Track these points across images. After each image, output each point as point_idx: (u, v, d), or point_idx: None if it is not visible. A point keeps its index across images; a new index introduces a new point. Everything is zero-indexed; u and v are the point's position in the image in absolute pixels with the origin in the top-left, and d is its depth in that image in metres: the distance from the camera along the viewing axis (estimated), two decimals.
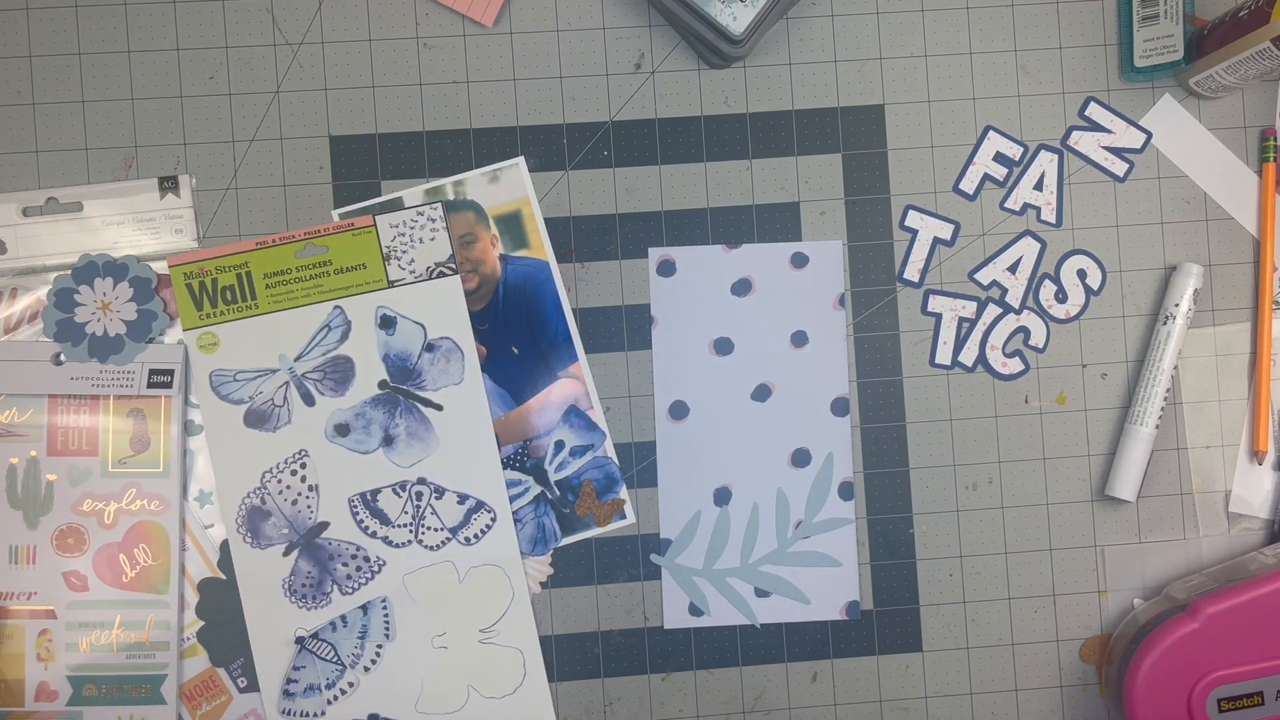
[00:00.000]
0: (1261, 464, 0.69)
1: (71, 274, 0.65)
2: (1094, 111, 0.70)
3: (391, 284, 0.67)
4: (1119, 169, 0.70)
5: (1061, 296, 0.69)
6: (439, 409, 0.67)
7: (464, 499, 0.66)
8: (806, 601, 0.68)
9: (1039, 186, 0.69)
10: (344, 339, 0.66)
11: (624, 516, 0.68)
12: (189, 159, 0.67)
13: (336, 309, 0.66)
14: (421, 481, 0.66)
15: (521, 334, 0.67)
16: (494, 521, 0.66)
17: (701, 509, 0.68)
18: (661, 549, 0.68)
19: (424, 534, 0.66)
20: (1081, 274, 0.69)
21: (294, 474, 0.66)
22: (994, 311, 0.69)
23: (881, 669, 0.68)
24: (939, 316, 0.69)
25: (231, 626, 0.66)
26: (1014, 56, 0.70)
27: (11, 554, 0.65)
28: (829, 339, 0.68)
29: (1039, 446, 0.69)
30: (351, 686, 0.66)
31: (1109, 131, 0.70)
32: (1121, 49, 0.70)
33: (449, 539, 0.66)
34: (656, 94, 0.68)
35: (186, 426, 0.66)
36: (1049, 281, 0.69)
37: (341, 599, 0.66)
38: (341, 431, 0.66)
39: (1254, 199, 0.70)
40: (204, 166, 0.67)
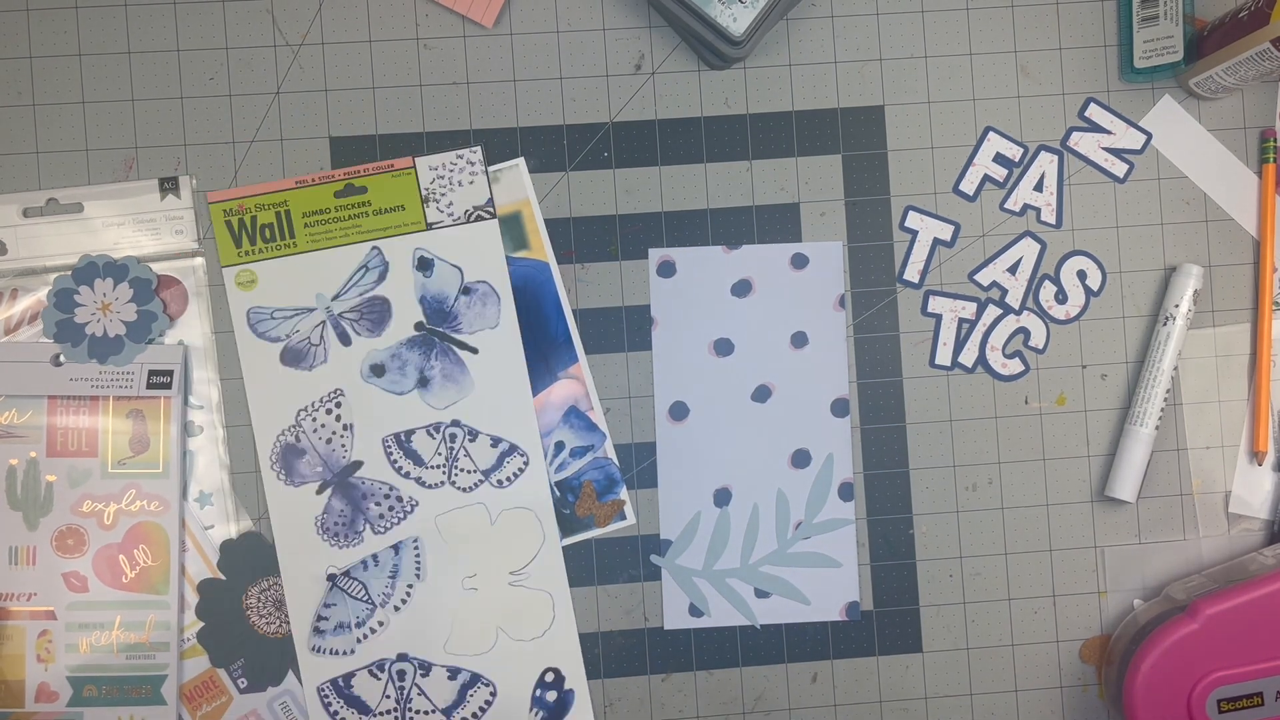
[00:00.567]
0: (1261, 465, 0.69)
1: (71, 275, 0.65)
2: (1094, 112, 0.70)
3: (430, 226, 0.67)
4: (1119, 170, 0.70)
5: (1061, 297, 0.69)
6: (474, 352, 0.67)
7: (497, 442, 0.67)
8: (806, 602, 0.68)
9: (1039, 187, 0.69)
10: (381, 280, 0.66)
11: (624, 517, 0.68)
12: (189, 160, 0.67)
13: (374, 250, 0.66)
14: (455, 424, 0.67)
15: (522, 335, 0.67)
16: (526, 465, 0.67)
17: (701, 510, 0.68)
18: (661, 550, 0.68)
19: (457, 476, 0.66)
20: (1081, 275, 0.69)
21: (329, 413, 0.66)
22: (994, 312, 0.69)
23: (881, 670, 0.68)
24: (939, 317, 0.69)
25: (232, 627, 0.66)
26: (1014, 57, 0.70)
27: (11, 555, 0.65)
28: (829, 340, 0.68)
29: (1039, 447, 0.69)
30: (381, 625, 0.66)
31: (1109, 132, 0.70)
32: (1121, 50, 0.70)
33: (481, 481, 0.67)
34: (656, 95, 0.68)
35: (186, 427, 0.66)
36: (1049, 282, 0.69)
37: (374, 538, 0.66)
38: (377, 372, 0.66)
39: (1254, 200, 0.70)
40: (204, 167, 0.67)
